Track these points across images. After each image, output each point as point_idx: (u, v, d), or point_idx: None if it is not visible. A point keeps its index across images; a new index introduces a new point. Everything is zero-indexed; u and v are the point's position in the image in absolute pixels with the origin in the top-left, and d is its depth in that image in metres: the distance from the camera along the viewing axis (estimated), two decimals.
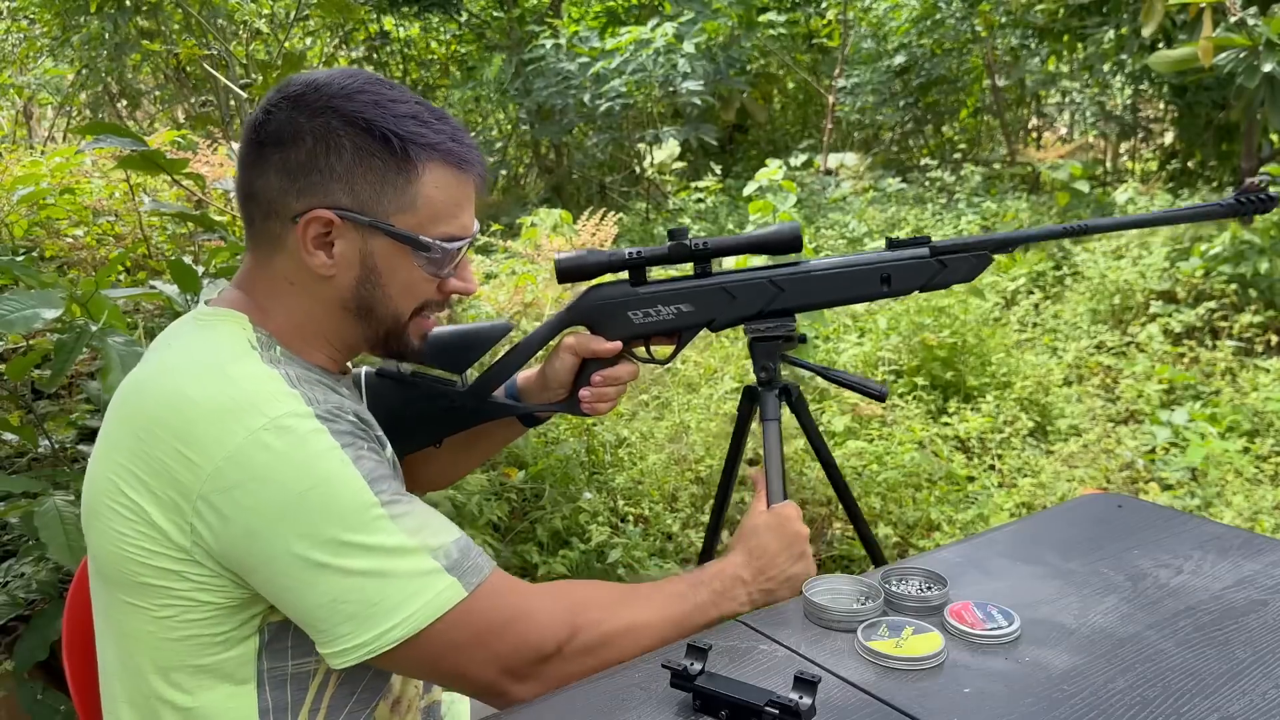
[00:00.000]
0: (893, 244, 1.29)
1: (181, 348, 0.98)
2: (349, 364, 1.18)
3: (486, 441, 1.40)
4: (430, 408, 1.26)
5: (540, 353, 1.29)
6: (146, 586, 0.92)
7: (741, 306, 1.28)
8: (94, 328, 1.47)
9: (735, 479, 1.57)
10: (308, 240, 0.97)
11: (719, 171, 7.12)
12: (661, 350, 1.33)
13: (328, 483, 0.88)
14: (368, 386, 1.24)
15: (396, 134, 0.96)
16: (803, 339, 1.33)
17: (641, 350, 1.31)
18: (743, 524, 1.19)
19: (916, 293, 1.30)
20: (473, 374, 1.28)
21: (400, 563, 0.90)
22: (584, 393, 1.27)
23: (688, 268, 1.29)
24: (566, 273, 1.26)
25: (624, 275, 1.28)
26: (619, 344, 1.26)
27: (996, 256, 1.32)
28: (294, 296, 1.01)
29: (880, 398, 1.33)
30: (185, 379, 0.92)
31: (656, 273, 1.30)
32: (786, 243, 1.24)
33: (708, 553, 1.61)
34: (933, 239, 1.28)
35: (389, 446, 1.04)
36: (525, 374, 1.33)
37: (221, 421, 0.88)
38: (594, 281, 1.28)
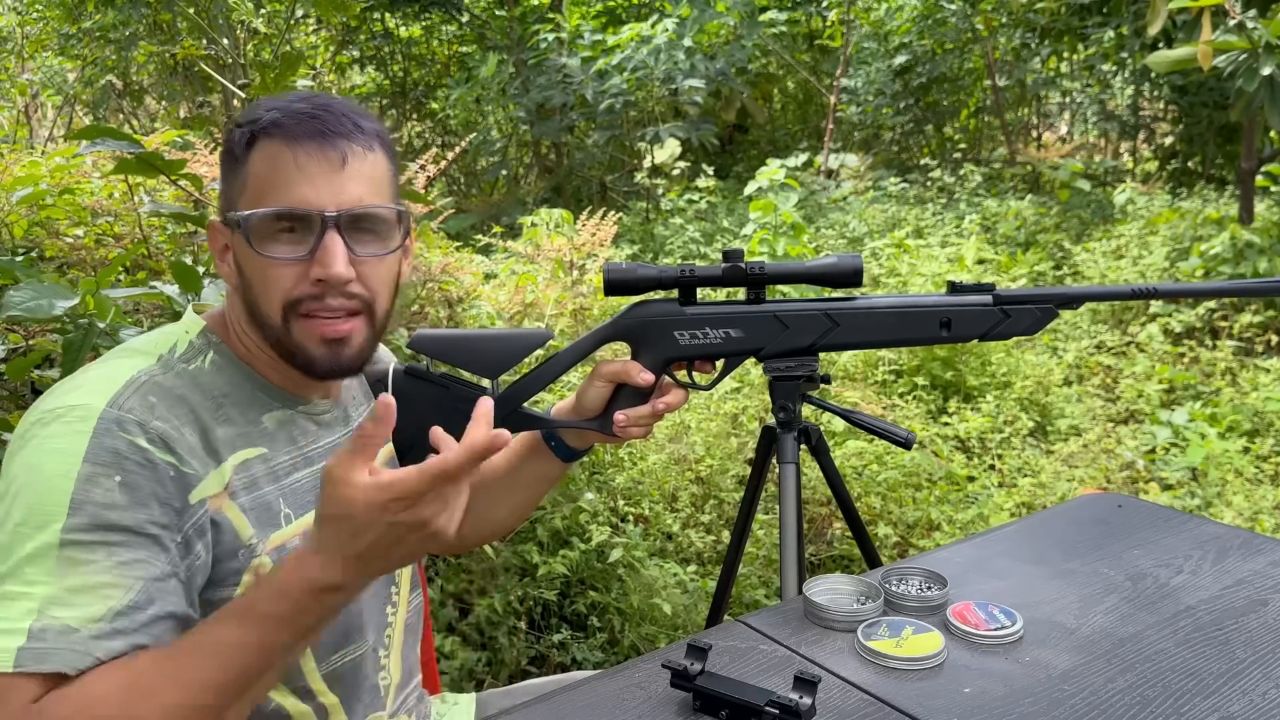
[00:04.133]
0: (955, 288, 1.25)
1: None
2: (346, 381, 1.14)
3: (523, 484, 1.30)
4: (456, 412, 1.19)
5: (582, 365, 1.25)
6: None
7: (793, 337, 1.23)
8: (101, 325, 1.47)
9: (749, 530, 1.53)
10: (214, 253, 1.01)
11: (712, 173, 7.10)
12: (702, 375, 1.27)
13: (37, 480, 0.85)
14: (395, 385, 1.20)
15: (237, 123, 0.97)
16: (825, 379, 1.29)
17: (683, 374, 1.26)
18: (338, 496, 0.80)
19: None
20: (505, 382, 1.23)
21: (11, 599, 0.81)
22: (619, 415, 1.20)
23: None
24: (615, 285, 1.21)
25: (673, 293, 1.24)
26: (652, 377, 1.21)
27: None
28: (236, 310, 1.02)
29: (906, 445, 1.29)
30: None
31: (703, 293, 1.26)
32: (847, 276, 1.21)
33: (716, 613, 1.52)
34: (997, 286, 1.24)
35: (202, 487, 0.90)
36: (560, 404, 1.28)
37: (49, 396, 0.91)
38: (641, 297, 1.24)
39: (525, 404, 1.24)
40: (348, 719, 1.05)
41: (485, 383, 1.24)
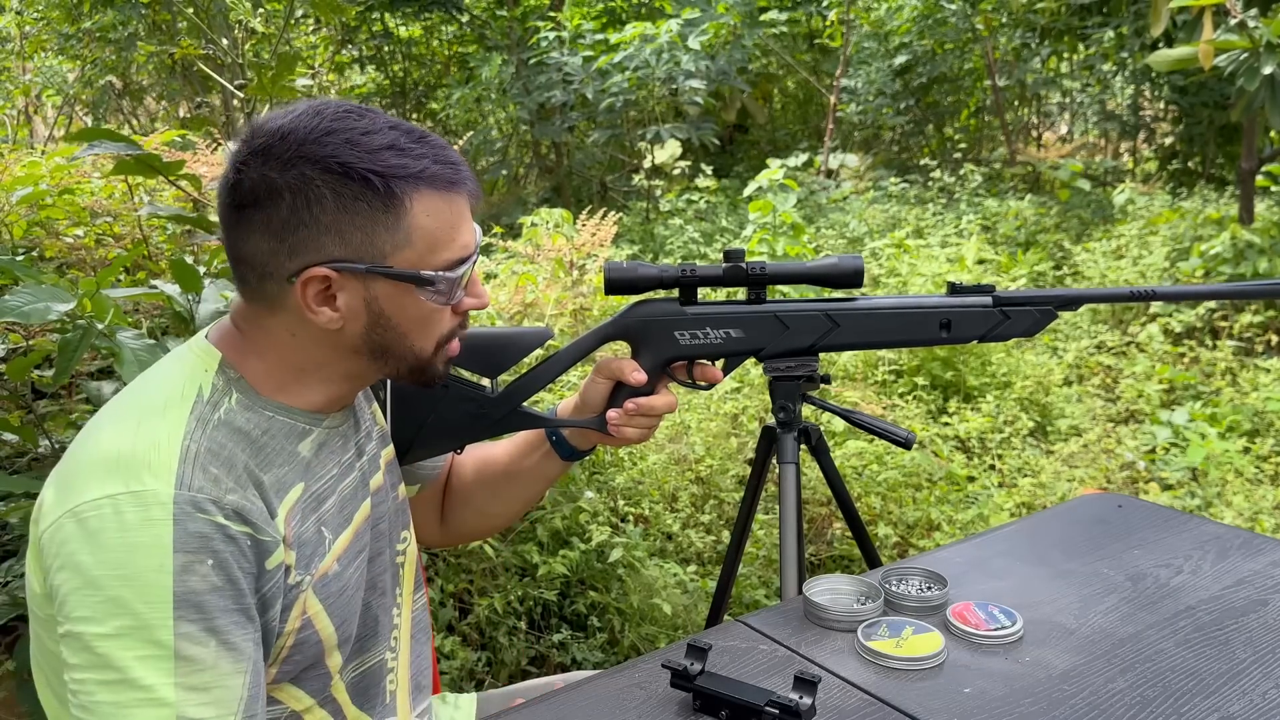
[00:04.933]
0: (955, 289, 1.26)
1: (142, 377, 0.98)
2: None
3: (524, 481, 1.30)
4: (455, 411, 1.21)
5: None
6: (35, 617, 0.92)
7: (794, 337, 1.24)
8: (100, 326, 1.47)
9: (750, 529, 1.53)
10: (309, 299, 0.93)
11: (710, 173, 7.10)
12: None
13: (131, 581, 0.82)
14: (393, 384, 1.20)
15: (376, 172, 0.90)
16: (825, 379, 1.29)
17: (684, 374, 1.26)
18: None
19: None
20: (505, 381, 1.23)
21: (138, 708, 0.81)
22: (611, 413, 1.20)
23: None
24: (616, 284, 1.21)
25: (674, 293, 1.24)
26: (644, 376, 1.21)
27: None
28: (295, 345, 0.97)
29: (906, 445, 1.29)
30: (109, 416, 0.92)
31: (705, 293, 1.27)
32: (848, 276, 1.22)
33: (716, 613, 1.53)
34: (996, 288, 1.25)
35: (278, 553, 0.91)
36: (565, 402, 1.28)
37: (90, 474, 0.86)
38: (642, 296, 1.24)
39: (525, 402, 1.24)
40: None
41: (485, 382, 1.24)
